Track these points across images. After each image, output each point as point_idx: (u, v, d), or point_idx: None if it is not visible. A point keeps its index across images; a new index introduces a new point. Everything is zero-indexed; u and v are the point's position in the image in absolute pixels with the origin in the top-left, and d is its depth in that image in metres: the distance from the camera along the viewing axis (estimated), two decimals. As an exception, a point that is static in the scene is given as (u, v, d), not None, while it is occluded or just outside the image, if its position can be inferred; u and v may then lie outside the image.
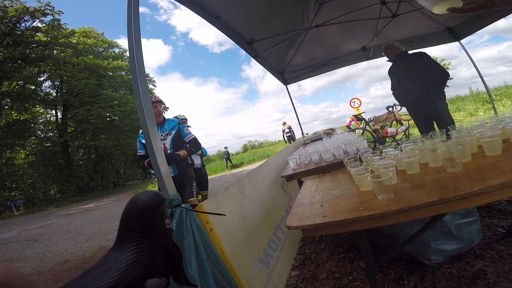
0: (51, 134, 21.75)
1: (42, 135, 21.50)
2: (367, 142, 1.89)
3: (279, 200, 2.02)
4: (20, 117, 18.75)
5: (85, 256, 4.05)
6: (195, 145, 2.57)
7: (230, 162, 18.43)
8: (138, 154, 2.55)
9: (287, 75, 5.02)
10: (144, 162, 2.44)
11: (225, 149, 18.68)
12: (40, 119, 21.29)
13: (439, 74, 2.97)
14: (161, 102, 2.52)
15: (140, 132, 2.48)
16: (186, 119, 3.84)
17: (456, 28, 4.41)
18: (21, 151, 19.63)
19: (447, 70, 3.07)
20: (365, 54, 4.76)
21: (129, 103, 20.85)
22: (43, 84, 20.00)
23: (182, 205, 0.89)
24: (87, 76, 19.77)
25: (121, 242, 0.34)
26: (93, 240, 5.03)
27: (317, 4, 3.27)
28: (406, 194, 0.87)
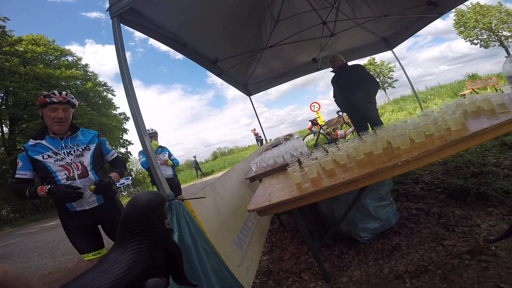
0: (-4, 151, 19.61)
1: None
2: (323, 144, 2.38)
3: (247, 197, 2.45)
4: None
5: (68, 268, 4.05)
6: (123, 165, 2.03)
7: (200, 170, 18.49)
8: (17, 177, 1.66)
9: (249, 86, 5.48)
10: (35, 190, 1.60)
11: (193, 158, 18.70)
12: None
13: (371, 85, 3.64)
14: (71, 104, 1.77)
15: (30, 144, 1.69)
16: (156, 133, 3.90)
17: (389, 39, 5.26)
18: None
19: (377, 80, 3.78)
20: (315, 65, 5.43)
21: (86, 115, 19.56)
22: (-17, 97, 18.06)
23: (175, 199, 1.26)
24: (37, 87, 18.23)
25: (121, 242, 0.35)
26: (71, 254, 4.89)
27: (273, 22, 3.79)
28: (319, 183, 1.35)
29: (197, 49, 3.13)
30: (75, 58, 23.04)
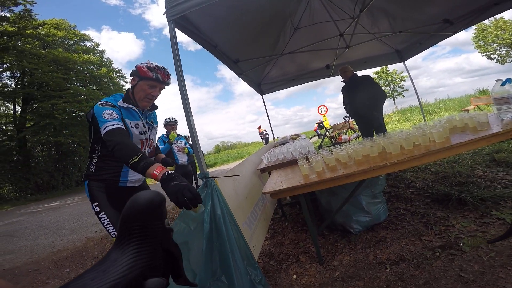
0: (4, 127, 20.12)
1: (-5, 128, 19.81)
2: (327, 146, 2.70)
3: (257, 186, 2.80)
4: (-29, 110, 17.21)
5: (77, 246, 4.23)
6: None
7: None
8: (118, 127, 1.38)
9: (263, 86, 5.79)
10: (150, 163, 1.22)
11: (199, 149, 19.07)
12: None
13: (379, 95, 3.95)
14: (167, 84, 1.60)
15: (121, 105, 1.53)
16: (176, 122, 4.10)
17: (402, 51, 5.48)
18: (-29, 145, 17.96)
19: (384, 91, 4.08)
20: (328, 71, 5.71)
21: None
22: (1, 75, 18.64)
23: (210, 178, 1.58)
24: (53, 69, 18.78)
25: (121, 242, 0.35)
26: (78, 233, 5.11)
27: (292, 29, 4.07)
28: (323, 175, 1.67)
29: (224, 50, 3.42)
30: (93, 44, 23.59)
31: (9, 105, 20.33)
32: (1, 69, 18.16)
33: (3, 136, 19.38)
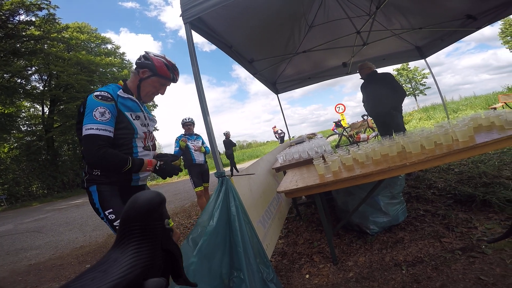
0: (34, 128, 21.35)
1: (26, 129, 21.00)
2: (344, 145, 2.68)
3: (272, 185, 2.81)
4: (4, 111, 18.39)
5: (98, 242, 4.36)
6: None
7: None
8: (104, 134, 1.25)
9: (278, 85, 5.76)
10: (141, 162, 1.34)
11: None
12: (23, 112, 20.82)
13: (398, 93, 3.82)
14: (173, 81, 1.51)
15: (120, 94, 1.37)
16: (193, 122, 4.15)
17: (423, 48, 5.27)
18: (4, 144, 19.16)
19: (404, 89, 3.94)
20: (345, 69, 5.59)
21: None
22: (30, 78, 19.80)
23: (226, 176, 1.62)
24: (78, 72, 19.76)
25: (121, 242, 0.35)
26: (100, 230, 5.23)
27: (307, 27, 4.03)
28: (339, 174, 1.65)
29: (239, 50, 3.45)
30: (114, 46, 24.56)
31: (38, 106, 21.56)
32: (30, 72, 19.35)
33: (33, 136, 20.62)
